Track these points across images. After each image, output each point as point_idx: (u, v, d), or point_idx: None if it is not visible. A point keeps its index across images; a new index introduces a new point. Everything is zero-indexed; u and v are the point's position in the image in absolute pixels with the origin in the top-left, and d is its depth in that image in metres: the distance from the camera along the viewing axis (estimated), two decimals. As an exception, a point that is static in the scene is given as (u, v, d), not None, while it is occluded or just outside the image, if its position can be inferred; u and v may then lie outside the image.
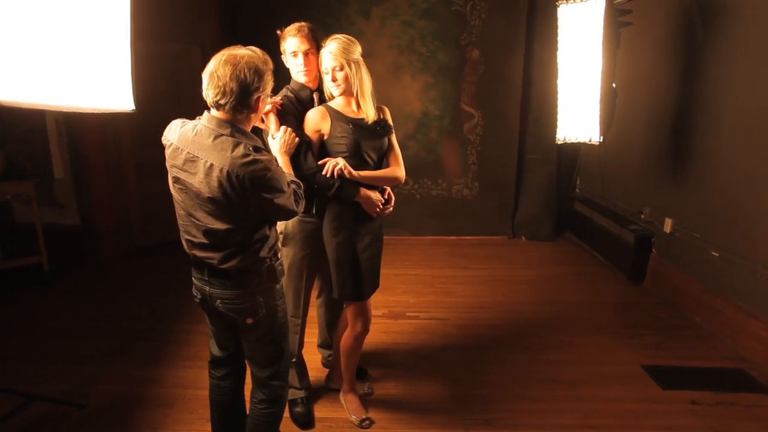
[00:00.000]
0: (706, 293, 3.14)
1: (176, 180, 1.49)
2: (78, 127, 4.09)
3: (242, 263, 1.50)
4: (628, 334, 3.06)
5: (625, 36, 3.63)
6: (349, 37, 1.92)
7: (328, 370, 2.55)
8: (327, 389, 2.47)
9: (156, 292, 3.60)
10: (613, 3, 3.39)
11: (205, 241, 1.50)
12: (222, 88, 1.38)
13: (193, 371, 2.61)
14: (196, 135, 1.44)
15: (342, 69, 1.89)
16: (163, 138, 1.53)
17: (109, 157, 4.27)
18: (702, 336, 3.04)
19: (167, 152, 1.50)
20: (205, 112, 1.47)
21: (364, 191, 1.95)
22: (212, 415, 1.85)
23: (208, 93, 1.41)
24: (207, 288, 1.57)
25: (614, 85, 3.50)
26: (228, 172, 1.37)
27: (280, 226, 2.07)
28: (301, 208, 1.62)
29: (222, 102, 1.40)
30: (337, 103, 1.98)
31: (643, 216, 3.93)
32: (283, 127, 1.86)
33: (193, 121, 1.49)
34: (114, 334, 3.01)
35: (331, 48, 1.88)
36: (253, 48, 1.46)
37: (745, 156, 2.85)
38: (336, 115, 1.94)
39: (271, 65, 1.48)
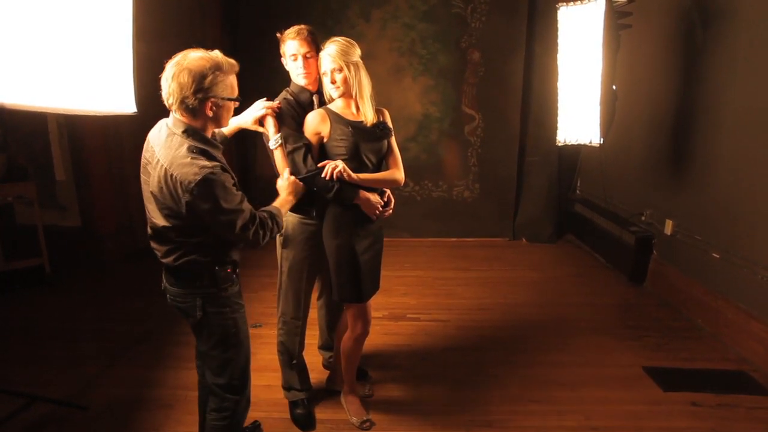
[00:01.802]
0: (706, 295, 3.14)
1: (144, 171, 1.53)
2: (79, 129, 4.10)
3: (178, 262, 1.51)
4: (628, 336, 3.05)
5: (625, 38, 3.64)
6: (349, 39, 1.93)
7: (328, 371, 2.55)
8: (328, 391, 2.47)
9: (157, 294, 3.51)
10: (613, 5, 3.39)
11: (152, 233, 1.55)
12: (166, 89, 1.40)
13: (194, 372, 2.55)
14: (160, 131, 1.49)
15: (341, 71, 1.89)
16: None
17: (110, 159, 4.28)
18: (703, 337, 3.03)
19: (144, 145, 1.56)
20: (171, 111, 1.50)
21: (363, 193, 1.95)
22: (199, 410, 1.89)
23: (162, 93, 1.44)
24: (164, 281, 1.62)
25: (614, 87, 3.51)
26: (166, 169, 1.40)
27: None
28: (255, 241, 1.53)
29: (169, 102, 1.42)
30: (337, 105, 1.98)
31: (643, 218, 3.93)
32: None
33: (167, 118, 1.52)
34: (115, 336, 3.02)
35: (330, 50, 1.88)
36: (212, 52, 1.43)
37: (746, 157, 2.85)
38: (335, 118, 1.95)
39: (226, 70, 1.43)
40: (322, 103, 2.04)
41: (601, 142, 3.58)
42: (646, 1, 3.69)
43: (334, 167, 1.87)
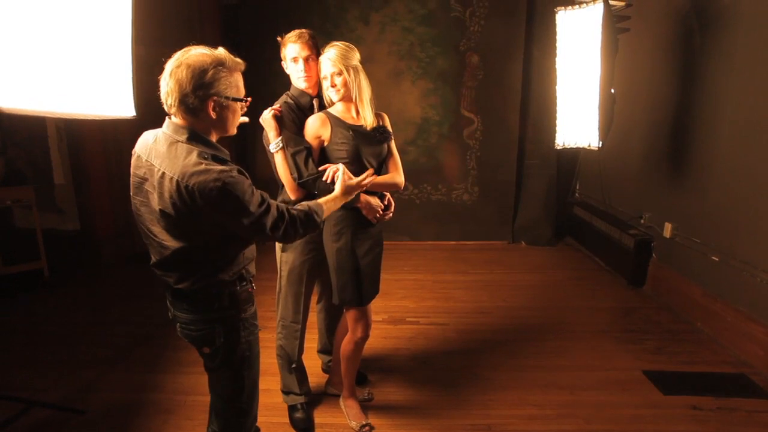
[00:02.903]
0: (706, 298, 3.14)
1: (138, 191, 1.38)
2: (78, 133, 4.11)
3: (196, 285, 1.37)
4: (628, 339, 3.05)
5: (624, 42, 3.65)
6: (348, 44, 1.94)
7: (327, 375, 2.54)
8: (327, 395, 2.46)
9: (155, 298, 3.54)
10: (611, 9, 3.40)
11: (161, 259, 1.39)
12: (165, 89, 1.28)
13: (193, 377, 2.60)
14: (155, 142, 1.34)
15: (340, 74, 1.90)
16: (133, 150, 1.43)
17: (109, 162, 4.28)
18: (702, 341, 3.03)
19: (132, 161, 1.41)
20: (167, 118, 1.36)
21: (364, 197, 1.95)
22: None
23: (161, 95, 1.31)
24: (172, 309, 1.48)
25: (613, 90, 3.52)
26: (177, 181, 1.24)
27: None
28: (286, 238, 1.43)
29: (168, 103, 1.29)
30: (337, 109, 1.99)
31: (642, 221, 3.93)
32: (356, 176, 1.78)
33: (156, 129, 1.38)
34: (113, 340, 3.01)
35: (330, 54, 1.90)
36: (216, 49, 1.33)
37: (745, 160, 2.86)
38: (336, 122, 1.95)
39: (230, 67, 1.32)
40: (322, 107, 2.05)
41: (600, 145, 3.59)
42: (645, 4, 3.71)
43: (335, 171, 1.87)
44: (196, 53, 1.29)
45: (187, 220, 1.29)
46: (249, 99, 1.40)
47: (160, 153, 1.31)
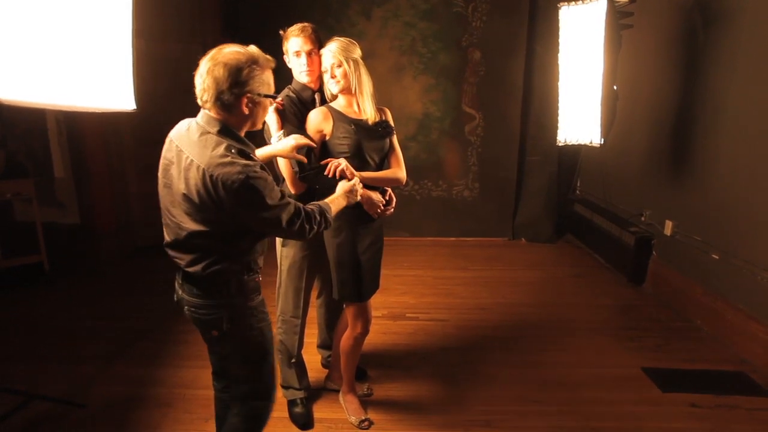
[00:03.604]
0: (706, 296, 3.14)
1: (165, 173, 1.44)
2: (79, 127, 4.09)
3: (207, 270, 1.42)
4: (628, 337, 3.05)
5: (627, 38, 3.63)
6: (349, 39, 1.94)
7: (327, 370, 2.55)
8: (326, 390, 2.46)
9: (156, 292, 3.59)
10: (614, 5, 3.39)
11: (175, 240, 1.45)
12: (201, 84, 1.35)
13: (193, 371, 2.60)
14: (188, 131, 1.41)
15: (340, 66, 1.90)
16: (168, 135, 1.50)
17: (109, 156, 4.27)
18: (702, 338, 3.03)
19: (164, 145, 1.48)
20: (201, 109, 1.43)
21: (365, 192, 1.95)
22: (216, 428, 1.81)
23: (196, 91, 1.38)
24: (180, 292, 1.53)
25: (615, 87, 3.51)
26: (204, 170, 1.31)
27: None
28: (302, 234, 1.48)
29: (204, 98, 1.36)
30: (339, 104, 1.98)
31: (643, 218, 3.93)
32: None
33: (192, 118, 1.46)
34: (113, 334, 3.01)
35: (331, 47, 1.90)
36: (248, 47, 1.40)
37: (746, 158, 2.85)
38: (338, 116, 1.94)
39: (263, 65, 1.40)
40: (324, 101, 2.04)
41: (602, 142, 3.58)
42: (648, 1, 3.69)
43: (336, 165, 1.86)
44: (231, 51, 1.35)
45: (208, 208, 1.35)
46: (278, 97, 1.47)
47: (191, 141, 1.38)
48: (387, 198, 2.06)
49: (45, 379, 2.50)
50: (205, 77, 1.33)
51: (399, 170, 2.04)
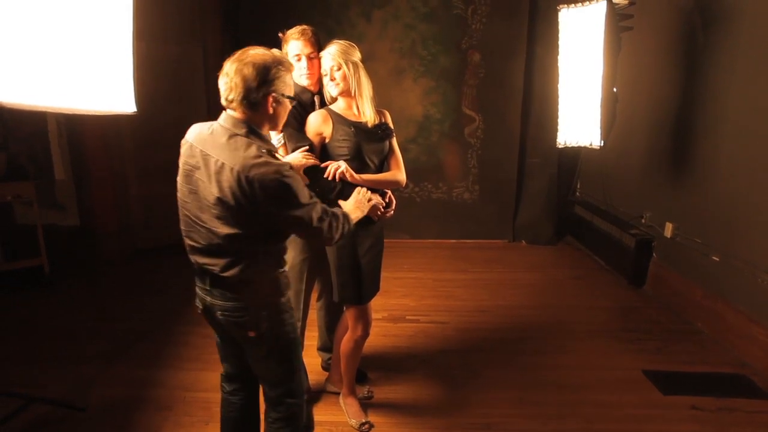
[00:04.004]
0: (707, 298, 3.14)
1: (188, 179, 1.43)
2: (79, 129, 4.10)
3: (244, 273, 1.43)
4: (628, 339, 3.05)
5: (626, 40, 3.63)
6: (349, 41, 1.94)
7: (327, 373, 2.54)
8: (326, 392, 2.46)
9: (156, 294, 3.59)
10: (614, 7, 3.39)
11: (207, 246, 1.43)
12: (228, 84, 1.37)
13: (193, 373, 2.60)
14: (212, 134, 1.41)
15: (339, 68, 1.90)
16: (182, 140, 1.49)
17: (110, 158, 4.27)
18: (703, 341, 3.03)
19: (182, 150, 1.47)
20: (223, 112, 1.44)
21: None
22: (221, 430, 1.79)
23: (221, 91, 1.40)
24: (208, 298, 1.50)
25: (615, 89, 3.51)
26: (238, 172, 1.32)
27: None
28: (330, 233, 1.51)
29: (230, 98, 1.38)
30: (339, 106, 1.98)
31: (643, 220, 3.92)
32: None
33: (212, 122, 1.46)
34: (114, 336, 3.01)
35: (331, 50, 1.91)
36: (272, 50, 1.45)
37: (746, 161, 2.85)
38: (338, 119, 1.94)
39: (287, 67, 1.44)
40: (324, 104, 2.04)
41: (602, 144, 3.58)
42: (648, 3, 3.69)
43: (336, 167, 1.87)
44: (258, 53, 1.39)
45: (244, 209, 1.36)
46: (295, 99, 1.52)
47: (217, 144, 1.39)
48: (387, 200, 2.06)
49: (45, 380, 2.50)
50: (232, 76, 1.36)
51: (399, 172, 2.04)
